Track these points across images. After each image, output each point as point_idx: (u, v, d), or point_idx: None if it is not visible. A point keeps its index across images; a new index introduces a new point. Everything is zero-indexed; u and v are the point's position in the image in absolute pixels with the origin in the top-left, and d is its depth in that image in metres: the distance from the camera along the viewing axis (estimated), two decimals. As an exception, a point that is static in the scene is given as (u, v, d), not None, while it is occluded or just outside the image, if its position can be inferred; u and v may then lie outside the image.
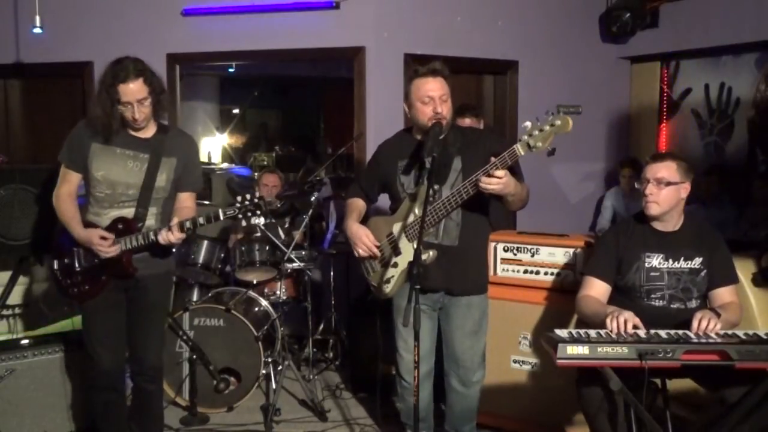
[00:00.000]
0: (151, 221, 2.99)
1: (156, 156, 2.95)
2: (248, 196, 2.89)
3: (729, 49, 5.41)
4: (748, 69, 5.39)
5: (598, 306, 2.88)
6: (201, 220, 2.88)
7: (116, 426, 3.14)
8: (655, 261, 2.91)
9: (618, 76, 6.08)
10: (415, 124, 3.03)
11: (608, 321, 2.62)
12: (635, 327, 2.59)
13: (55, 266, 3.07)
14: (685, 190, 2.90)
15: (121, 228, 2.94)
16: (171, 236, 2.85)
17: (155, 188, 2.96)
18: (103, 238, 2.88)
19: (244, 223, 2.94)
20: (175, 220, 2.86)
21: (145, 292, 3.06)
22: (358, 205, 3.26)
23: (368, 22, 5.16)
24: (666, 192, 2.86)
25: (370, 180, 3.27)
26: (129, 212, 2.96)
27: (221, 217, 2.89)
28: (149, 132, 2.98)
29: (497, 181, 2.69)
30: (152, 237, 2.90)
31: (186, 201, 3.11)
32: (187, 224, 2.86)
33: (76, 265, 3.01)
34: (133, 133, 2.95)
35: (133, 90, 2.79)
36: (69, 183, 2.99)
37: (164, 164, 2.97)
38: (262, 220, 2.91)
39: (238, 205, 2.88)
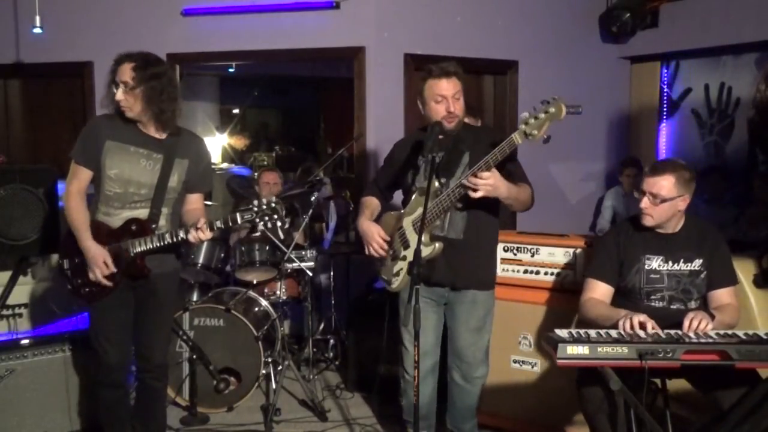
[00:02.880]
0: (162, 222, 3.00)
1: (169, 157, 2.97)
2: (264, 200, 2.87)
3: (729, 49, 5.42)
4: (748, 69, 5.39)
5: (606, 309, 2.86)
6: (218, 223, 2.89)
7: (119, 424, 3.13)
8: (655, 263, 2.90)
9: (618, 76, 6.09)
10: (429, 122, 3.04)
11: (621, 324, 2.60)
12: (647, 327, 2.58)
13: (66, 266, 3.04)
14: (683, 201, 2.84)
15: (134, 229, 2.93)
16: (201, 235, 2.86)
17: (168, 189, 2.98)
18: (107, 265, 2.88)
19: (261, 227, 2.91)
20: (202, 221, 2.86)
21: (154, 290, 3.06)
22: (372, 203, 3.27)
23: (368, 22, 5.17)
24: (661, 208, 2.82)
25: (385, 178, 3.28)
26: (141, 213, 2.96)
27: (239, 221, 2.89)
28: (162, 133, 2.99)
29: (483, 183, 2.69)
30: (167, 238, 2.90)
31: (196, 202, 3.14)
32: (218, 223, 2.88)
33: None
34: (146, 132, 2.96)
35: (120, 71, 2.87)
36: (79, 180, 2.97)
37: (177, 165, 2.99)
38: (279, 224, 2.87)
39: (255, 209, 2.86)
